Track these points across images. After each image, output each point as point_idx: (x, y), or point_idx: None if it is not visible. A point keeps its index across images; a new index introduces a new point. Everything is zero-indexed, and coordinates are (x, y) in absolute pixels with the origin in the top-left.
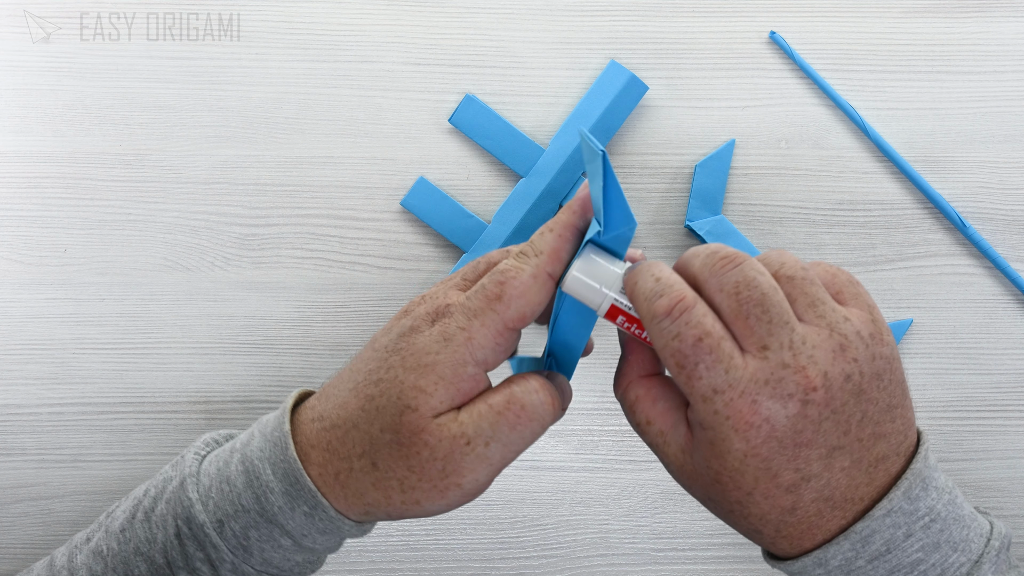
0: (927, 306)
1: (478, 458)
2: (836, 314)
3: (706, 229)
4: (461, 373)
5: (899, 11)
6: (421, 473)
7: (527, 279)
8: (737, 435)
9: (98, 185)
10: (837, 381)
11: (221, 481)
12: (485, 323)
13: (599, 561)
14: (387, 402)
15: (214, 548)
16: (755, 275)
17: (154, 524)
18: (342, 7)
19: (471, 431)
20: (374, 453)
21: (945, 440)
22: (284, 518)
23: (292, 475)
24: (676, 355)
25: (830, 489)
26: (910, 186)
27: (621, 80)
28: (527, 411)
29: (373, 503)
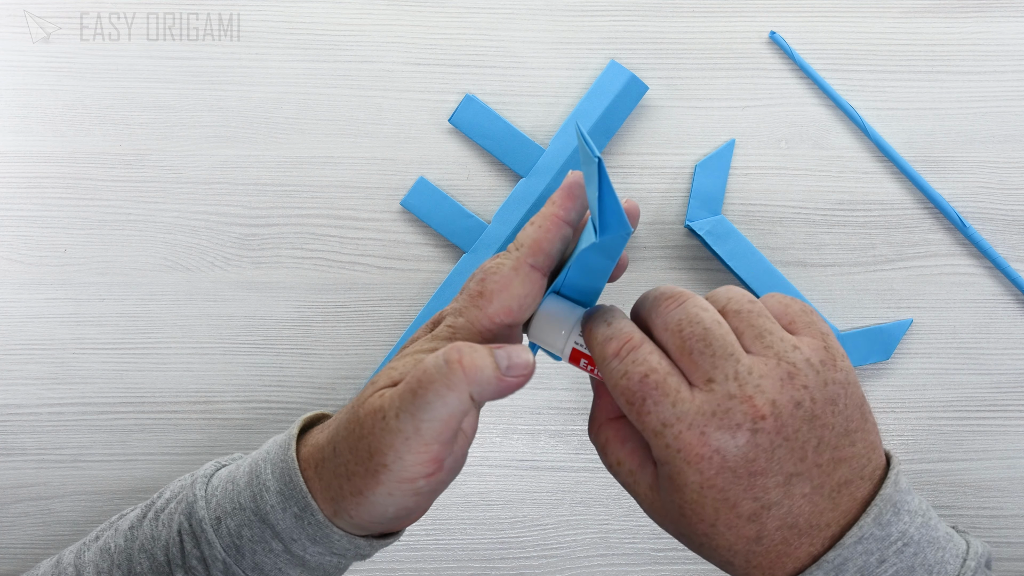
0: (927, 306)
1: (392, 432)
2: (784, 343)
3: (706, 229)
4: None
5: (899, 11)
6: (357, 453)
7: (508, 272)
8: (690, 468)
9: (98, 185)
10: (787, 408)
11: (227, 481)
12: (470, 320)
13: (599, 561)
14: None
15: (208, 545)
16: (697, 311)
17: (161, 523)
18: (342, 7)
19: (386, 403)
20: (337, 438)
21: (945, 440)
22: (275, 517)
23: (288, 474)
24: (625, 393)
25: (793, 516)
26: (910, 186)
27: (621, 80)
28: (426, 374)
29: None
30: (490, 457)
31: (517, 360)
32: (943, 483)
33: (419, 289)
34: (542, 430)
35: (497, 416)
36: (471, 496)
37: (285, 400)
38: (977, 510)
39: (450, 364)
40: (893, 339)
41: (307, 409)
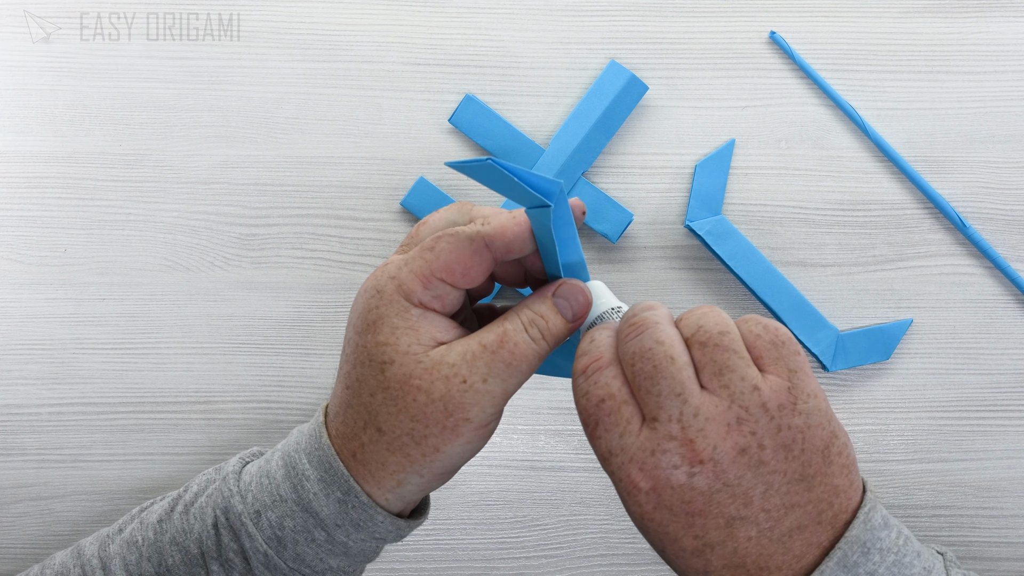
0: (927, 306)
1: (479, 393)
2: (744, 383)
3: (706, 229)
4: (407, 316)
5: (899, 11)
6: (425, 419)
7: (463, 239)
8: (630, 498)
9: (98, 185)
10: (729, 455)
11: (262, 476)
12: (413, 269)
13: (599, 561)
14: (364, 370)
15: (249, 538)
16: (652, 345)
17: (192, 516)
18: (342, 7)
19: (465, 370)
20: (375, 419)
21: (945, 440)
22: (319, 505)
23: (326, 461)
24: (582, 412)
25: (739, 557)
26: (910, 186)
27: (621, 80)
28: (520, 348)
29: (397, 468)
30: (490, 457)
31: (578, 306)
32: (943, 483)
33: None
34: (542, 430)
35: None
36: (471, 496)
37: (285, 400)
38: (977, 510)
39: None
40: (893, 339)
41: (307, 409)
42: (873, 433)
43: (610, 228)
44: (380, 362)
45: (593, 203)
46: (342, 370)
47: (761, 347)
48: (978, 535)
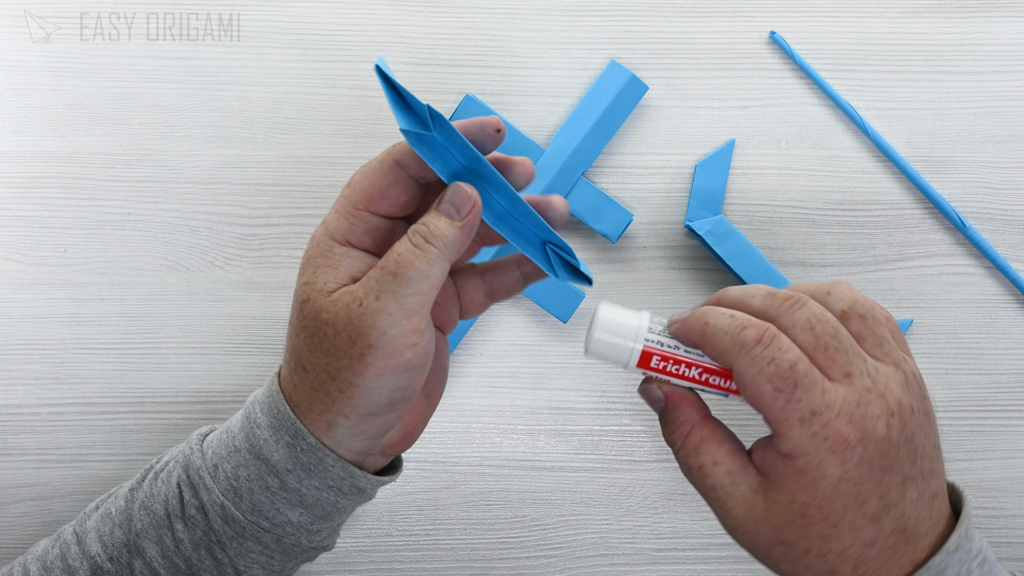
0: (927, 306)
1: (373, 313)
2: (898, 354)
3: (706, 229)
4: (330, 255)
5: (899, 11)
6: (336, 351)
7: (373, 163)
8: (833, 457)
9: (98, 185)
10: (907, 411)
11: (223, 432)
12: (336, 209)
13: (599, 561)
14: (293, 312)
15: (207, 491)
16: (823, 311)
17: (160, 480)
18: (342, 7)
19: (361, 293)
20: (300, 359)
21: (945, 440)
22: (269, 450)
23: (275, 406)
24: (773, 379)
25: (904, 520)
26: (910, 186)
27: (621, 80)
28: (404, 257)
29: (323, 409)
30: (490, 457)
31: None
32: None
33: None
34: (542, 430)
35: (497, 416)
36: (471, 496)
37: None
38: (977, 510)
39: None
40: None
41: None
42: None
43: (610, 228)
44: (300, 301)
45: (593, 203)
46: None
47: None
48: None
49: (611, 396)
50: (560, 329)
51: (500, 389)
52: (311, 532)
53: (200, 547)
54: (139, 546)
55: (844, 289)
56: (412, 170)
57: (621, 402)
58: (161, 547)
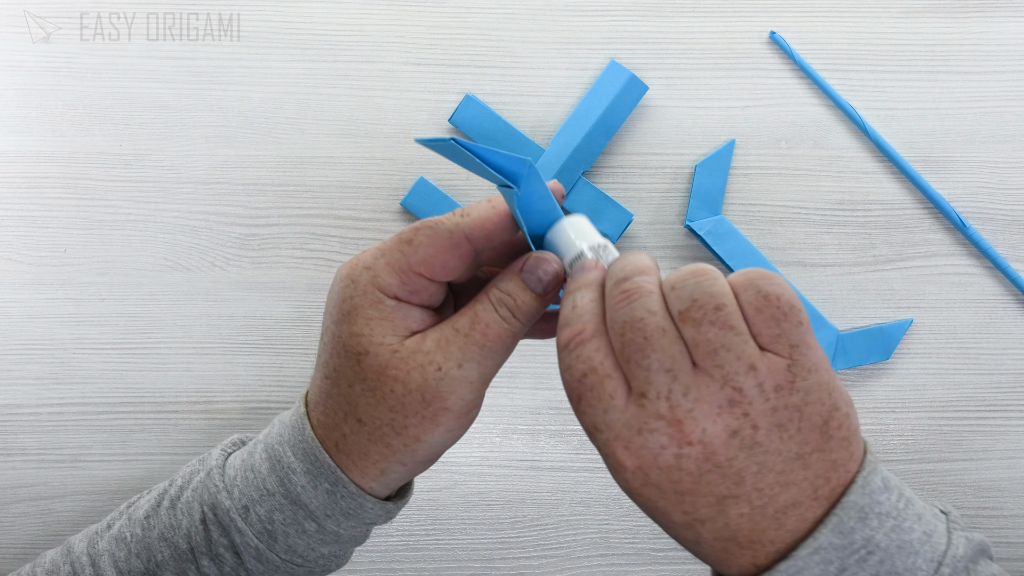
0: (927, 306)
1: (455, 380)
2: (739, 363)
3: (706, 229)
4: (381, 307)
5: (899, 11)
6: (404, 409)
7: (442, 231)
8: (617, 475)
9: (98, 185)
10: (719, 437)
11: (246, 470)
12: (389, 261)
13: (599, 561)
14: (341, 360)
15: (239, 533)
16: (644, 315)
17: (179, 511)
18: (342, 7)
19: (440, 358)
20: (355, 411)
21: (945, 440)
22: (307, 497)
23: (312, 453)
24: (566, 386)
25: (731, 531)
26: (910, 186)
27: (621, 80)
28: (492, 329)
29: (379, 458)
30: (490, 457)
31: (547, 278)
32: (943, 483)
33: None
34: (542, 430)
35: (497, 416)
36: (471, 496)
37: (285, 400)
38: (977, 510)
39: (511, 318)
40: (893, 339)
41: None
42: (873, 433)
43: (610, 228)
44: (356, 353)
45: (593, 203)
46: (320, 358)
47: (761, 322)
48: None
49: None
50: None
51: (500, 389)
52: (340, 558)
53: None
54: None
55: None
56: (479, 243)
57: None
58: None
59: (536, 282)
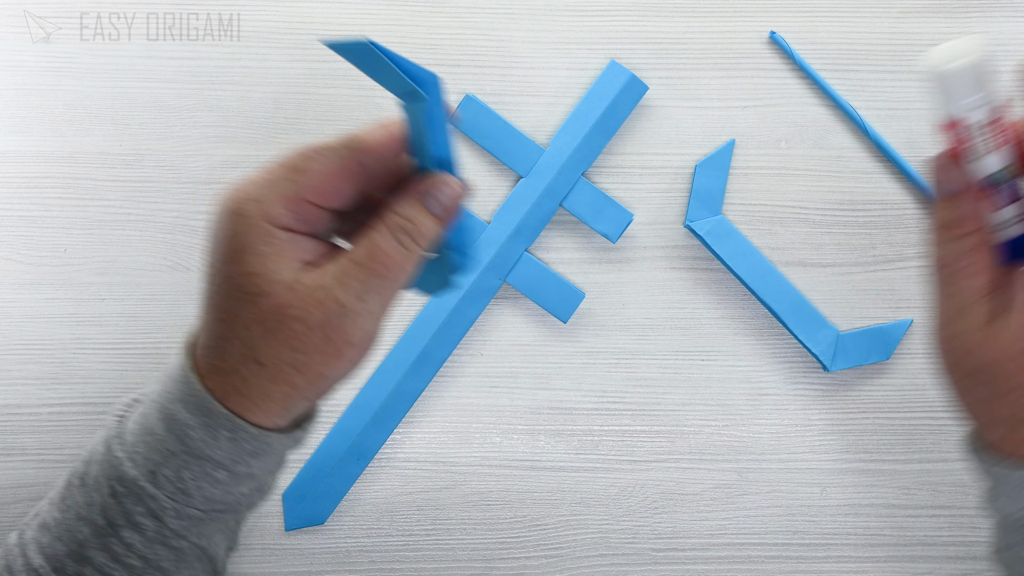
0: (927, 306)
1: (357, 314)
2: None
3: (706, 229)
4: (272, 240)
5: (899, 11)
6: (306, 348)
7: (335, 157)
8: None
9: (98, 185)
10: None
11: (145, 434)
12: (279, 191)
13: (599, 561)
14: (235, 303)
15: (152, 499)
16: None
17: (89, 488)
18: (342, 7)
19: (339, 292)
20: (254, 353)
21: (945, 440)
22: (211, 450)
23: (204, 406)
24: None
25: None
26: (910, 186)
27: (621, 80)
28: (392, 259)
29: (282, 397)
30: (490, 457)
31: (449, 202)
32: (943, 483)
33: None
34: (542, 430)
35: (497, 416)
36: (471, 496)
37: None
38: (977, 510)
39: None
40: (893, 339)
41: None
42: (873, 433)
43: (610, 228)
44: (251, 294)
45: (593, 203)
46: (211, 301)
47: None
48: (978, 535)
49: (611, 396)
50: (560, 329)
51: (500, 389)
52: (262, 490)
53: (155, 543)
54: (85, 555)
55: None
56: (371, 165)
57: (621, 402)
58: (110, 553)
59: (438, 206)
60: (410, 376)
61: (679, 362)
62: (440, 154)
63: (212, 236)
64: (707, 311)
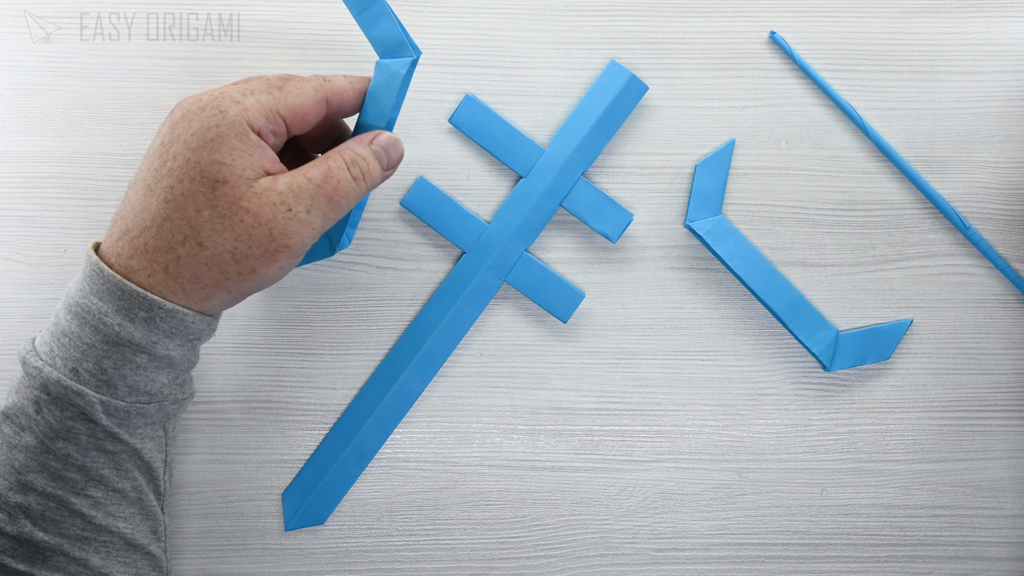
0: (927, 306)
1: (301, 223)
2: None
3: (706, 229)
4: (248, 141)
5: (899, 11)
6: (250, 240)
7: (309, 88)
8: None
9: (98, 185)
10: None
11: (58, 336)
12: (259, 101)
13: (599, 561)
14: (192, 185)
15: (78, 395)
16: None
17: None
18: (342, 7)
19: (291, 199)
20: (197, 234)
21: (945, 440)
22: (127, 332)
23: (118, 289)
24: None
25: None
26: (910, 186)
27: (621, 80)
28: (342, 185)
29: (210, 282)
30: (490, 457)
31: (396, 160)
32: (943, 483)
33: (419, 289)
34: (542, 430)
35: (497, 416)
36: (471, 496)
37: (285, 400)
38: (977, 510)
39: (359, 179)
40: (893, 339)
41: (307, 409)
42: (873, 433)
43: (610, 228)
44: (213, 180)
45: (593, 203)
46: (160, 183)
47: None
48: (978, 535)
49: (611, 396)
50: (560, 329)
51: (500, 389)
52: (180, 385)
53: (89, 449)
54: (24, 482)
55: None
56: (332, 107)
57: (621, 402)
58: (48, 471)
59: (384, 156)
60: (410, 376)
61: (679, 362)
62: (393, 115)
63: (185, 126)
64: (707, 311)
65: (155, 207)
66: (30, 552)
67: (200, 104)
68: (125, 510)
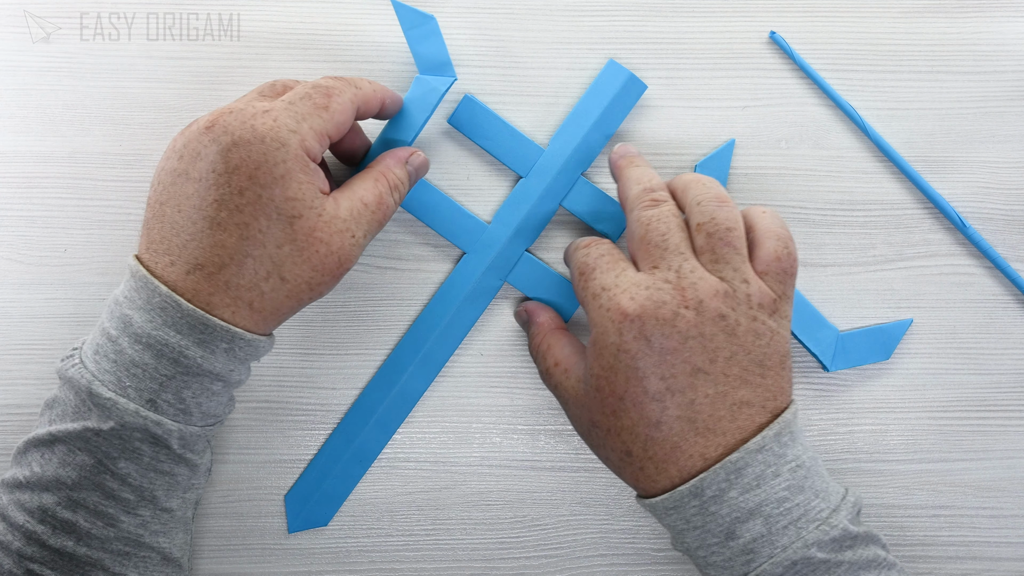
0: (927, 306)
1: (359, 246)
2: (736, 275)
3: None
4: (309, 171)
5: (899, 11)
6: (323, 268)
7: (347, 101)
8: (613, 326)
9: (98, 185)
10: (710, 313)
11: (127, 367)
12: (313, 126)
13: (599, 561)
14: (270, 223)
15: (157, 424)
16: (670, 217)
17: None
18: (342, 7)
19: (354, 226)
20: (280, 270)
21: (945, 440)
22: (209, 364)
23: (199, 323)
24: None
25: (693, 411)
26: (910, 186)
27: (620, 79)
28: (389, 211)
29: (288, 311)
30: (490, 457)
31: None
32: (943, 483)
33: (419, 289)
34: (542, 430)
35: (497, 416)
36: (471, 496)
37: (285, 400)
38: (977, 510)
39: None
40: (893, 339)
41: (307, 409)
42: (873, 433)
43: (610, 228)
44: (289, 216)
45: (593, 203)
46: (232, 219)
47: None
48: (978, 535)
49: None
50: None
51: (500, 389)
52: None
53: (149, 471)
54: (75, 499)
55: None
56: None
57: None
58: (102, 490)
59: (415, 176)
60: (412, 378)
61: None
62: (419, 130)
63: (247, 159)
64: None
65: (233, 244)
66: (70, 565)
67: (256, 133)
68: (169, 527)
